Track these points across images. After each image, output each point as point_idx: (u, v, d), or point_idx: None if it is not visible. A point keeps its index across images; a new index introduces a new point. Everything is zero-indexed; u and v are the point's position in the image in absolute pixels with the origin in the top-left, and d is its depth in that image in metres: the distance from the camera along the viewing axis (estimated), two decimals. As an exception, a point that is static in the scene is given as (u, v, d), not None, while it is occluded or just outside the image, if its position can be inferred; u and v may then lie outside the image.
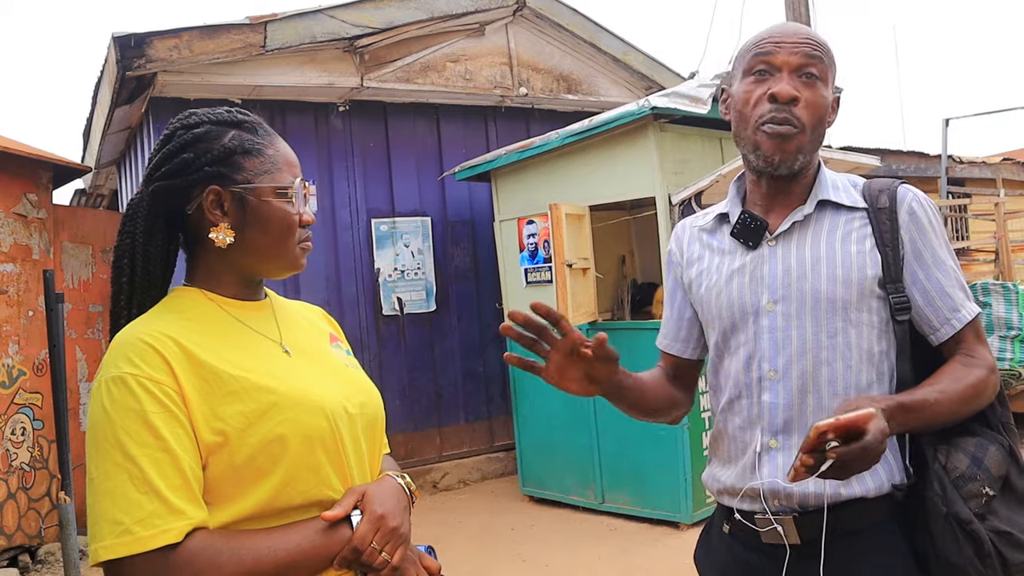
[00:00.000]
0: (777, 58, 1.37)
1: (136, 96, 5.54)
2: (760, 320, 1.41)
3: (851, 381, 1.36)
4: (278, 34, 5.39)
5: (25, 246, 4.88)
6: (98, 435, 1.07)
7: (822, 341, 1.37)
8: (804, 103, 1.36)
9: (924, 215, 1.40)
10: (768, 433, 1.40)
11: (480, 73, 6.37)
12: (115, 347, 1.12)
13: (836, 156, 5.14)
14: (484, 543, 4.80)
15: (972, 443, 1.34)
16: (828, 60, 1.39)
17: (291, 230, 1.24)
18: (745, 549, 1.45)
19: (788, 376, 1.38)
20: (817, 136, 1.40)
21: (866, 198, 1.42)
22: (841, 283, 1.37)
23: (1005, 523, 1.30)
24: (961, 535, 1.28)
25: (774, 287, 1.41)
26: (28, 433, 4.78)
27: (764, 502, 1.39)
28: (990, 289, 6.55)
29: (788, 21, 1.46)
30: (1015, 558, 1.29)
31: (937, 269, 1.39)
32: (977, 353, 1.38)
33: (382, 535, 1.14)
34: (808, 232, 1.41)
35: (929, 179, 8.88)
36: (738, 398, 1.45)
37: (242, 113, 1.27)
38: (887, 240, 1.38)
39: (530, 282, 5.44)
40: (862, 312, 1.37)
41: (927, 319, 1.39)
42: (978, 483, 1.30)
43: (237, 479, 1.10)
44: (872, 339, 1.38)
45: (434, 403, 6.27)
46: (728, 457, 1.48)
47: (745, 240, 1.45)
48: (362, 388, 1.30)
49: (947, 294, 1.39)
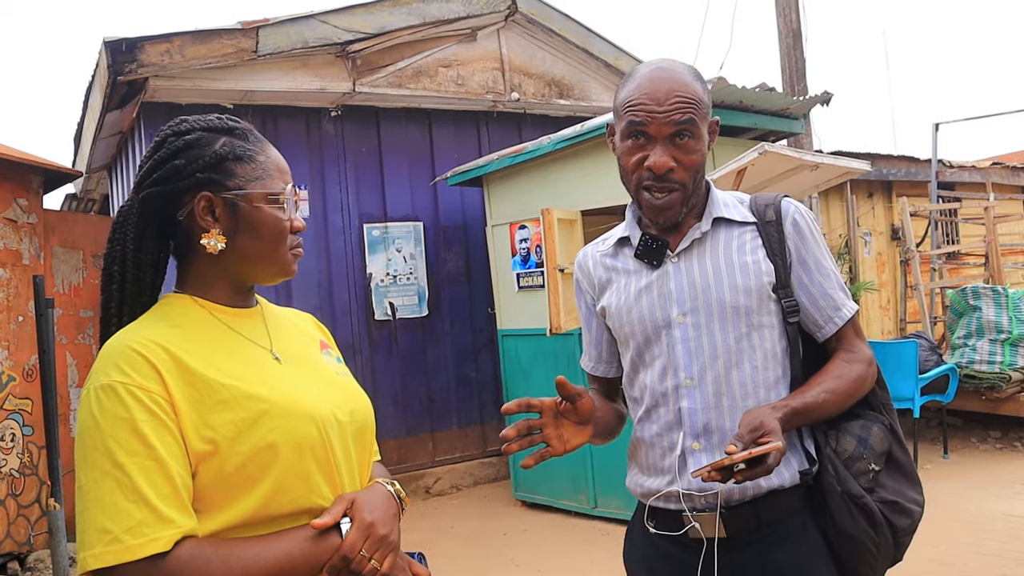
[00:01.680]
0: (650, 128, 1.45)
1: (127, 101, 5.53)
2: (672, 332, 1.51)
3: (759, 380, 1.49)
4: (270, 39, 5.39)
5: (15, 251, 4.86)
6: (87, 443, 1.07)
7: (731, 346, 1.48)
8: (681, 166, 1.46)
9: (806, 225, 1.53)
10: (690, 437, 1.49)
11: (472, 78, 6.38)
12: (104, 355, 1.12)
13: (827, 161, 5.16)
14: (477, 548, 4.79)
15: (858, 426, 1.49)
16: (703, 109, 1.47)
17: (282, 236, 1.24)
18: (670, 545, 1.53)
19: (704, 381, 1.49)
20: (698, 179, 1.50)
21: (754, 212, 1.55)
22: (742, 291, 1.48)
23: (891, 493, 1.47)
24: (855, 509, 1.42)
25: (682, 300, 1.51)
26: (18, 439, 4.76)
27: (690, 500, 1.48)
28: (980, 293, 6.59)
29: (660, 66, 1.45)
30: (902, 523, 1.46)
31: (819, 273, 1.53)
32: (856, 348, 1.53)
33: (371, 542, 1.14)
34: (707, 247, 1.53)
35: (919, 183, 8.92)
36: (655, 407, 1.54)
37: (233, 120, 1.28)
38: (776, 250, 1.51)
39: (522, 287, 5.44)
40: (762, 316, 1.49)
41: (813, 319, 1.53)
42: (864, 461, 1.46)
43: (227, 487, 1.10)
44: (774, 339, 1.50)
45: (427, 408, 6.26)
46: (648, 463, 1.57)
47: (649, 260, 1.55)
48: (352, 395, 1.30)
49: (829, 295, 1.53)
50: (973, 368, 6.33)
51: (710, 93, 1.53)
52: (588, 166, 4.97)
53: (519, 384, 5.52)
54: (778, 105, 5.04)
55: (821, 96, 5.46)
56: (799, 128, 5.41)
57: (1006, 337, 6.33)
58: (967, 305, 6.68)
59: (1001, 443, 6.39)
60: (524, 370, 5.47)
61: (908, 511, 1.47)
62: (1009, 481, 5.33)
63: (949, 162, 9.22)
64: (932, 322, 7.81)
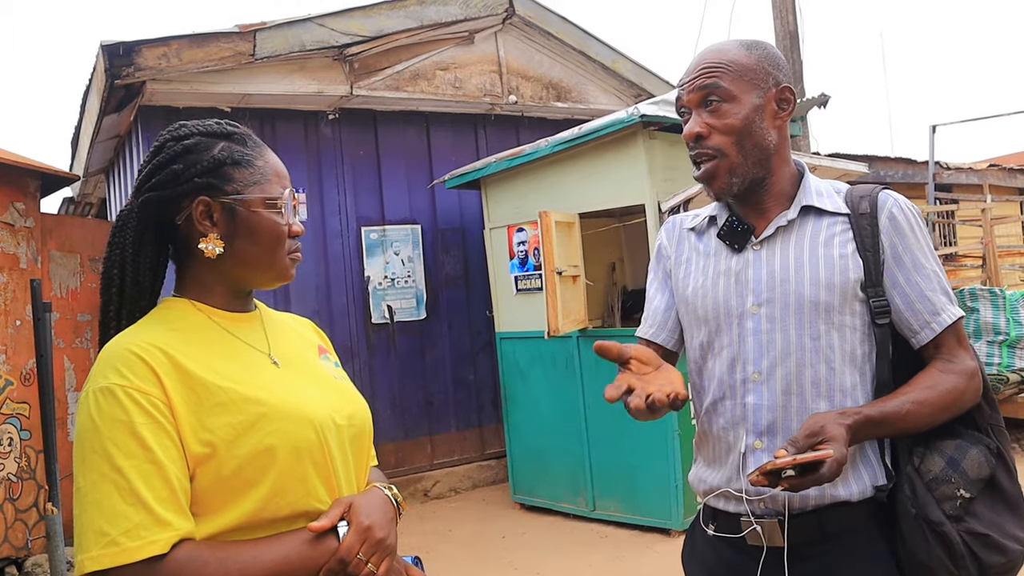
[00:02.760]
0: (684, 99, 1.45)
1: (125, 104, 5.53)
2: (745, 323, 1.43)
3: (835, 383, 1.38)
4: (267, 42, 5.39)
5: (12, 255, 4.86)
6: (85, 446, 1.07)
7: (806, 344, 1.39)
8: (714, 131, 1.41)
9: (904, 220, 1.42)
10: (753, 434, 1.42)
11: (470, 81, 6.39)
12: (103, 358, 1.12)
13: (824, 163, 5.18)
14: (475, 551, 4.79)
15: (951, 445, 1.36)
16: (737, 71, 1.41)
17: (280, 241, 1.24)
18: (730, 550, 1.46)
19: (772, 378, 1.40)
20: (748, 147, 1.41)
21: (848, 204, 1.44)
22: (824, 287, 1.39)
23: (984, 525, 1.31)
24: (931, 536, 1.30)
25: (759, 290, 1.43)
26: (15, 443, 4.75)
27: (749, 504, 1.40)
28: (978, 294, 6.60)
29: (706, 46, 1.50)
30: (992, 560, 1.30)
31: (917, 273, 1.40)
32: (957, 358, 1.39)
33: (368, 546, 1.14)
34: (792, 236, 1.44)
35: (916, 185, 8.94)
36: (722, 399, 1.46)
37: (231, 124, 1.28)
38: (868, 245, 1.40)
39: (520, 290, 5.44)
40: (845, 315, 1.39)
41: (907, 322, 1.41)
42: (952, 485, 1.32)
43: (225, 490, 1.10)
44: (855, 342, 1.39)
45: (424, 411, 6.26)
46: (713, 458, 1.49)
47: (731, 243, 1.48)
48: (350, 400, 1.30)
49: (927, 298, 1.40)
50: (971, 370, 6.34)
51: (769, 60, 1.44)
52: (586, 169, 4.98)
53: (517, 387, 5.52)
54: (775, 107, 5.04)
55: (818, 98, 5.47)
56: (796, 130, 5.42)
57: (1003, 339, 6.34)
58: (964, 307, 6.69)
59: (999, 444, 6.40)
60: (522, 373, 5.47)
61: (1002, 548, 1.31)
62: (1007, 482, 5.33)
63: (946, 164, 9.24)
64: (929, 324, 7.79)
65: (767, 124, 1.43)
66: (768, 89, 1.43)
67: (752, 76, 1.42)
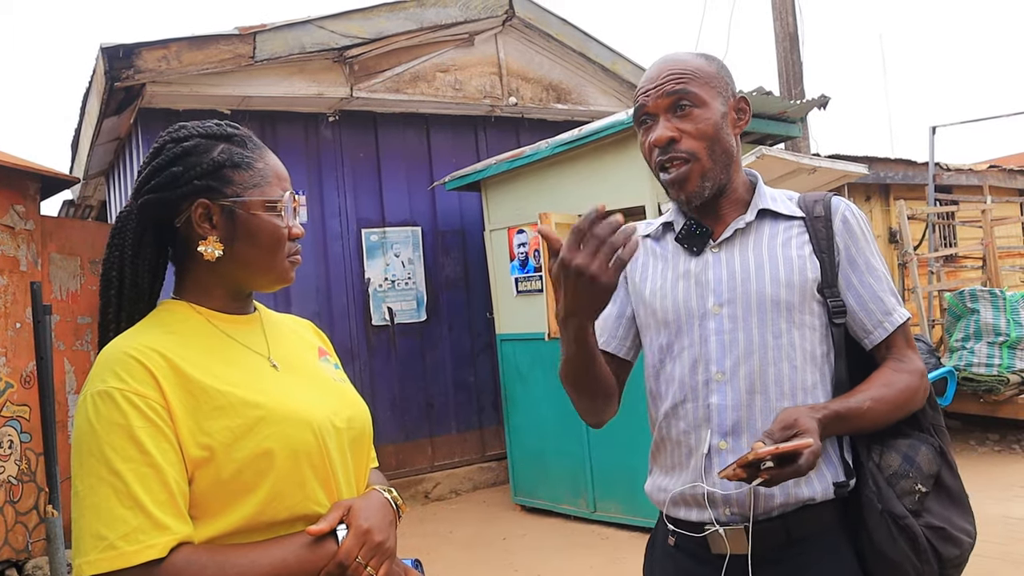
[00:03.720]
0: (649, 106, 1.44)
1: (125, 107, 5.53)
2: (706, 323, 1.44)
3: (797, 381, 1.40)
4: (267, 45, 5.39)
5: (12, 258, 4.86)
6: (83, 449, 1.07)
7: (768, 342, 1.40)
8: (686, 135, 1.42)
9: (856, 224, 1.46)
10: (717, 435, 1.41)
11: (470, 83, 6.39)
12: (102, 361, 1.12)
13: (824, 164, 5.17)
14: (476, 553, 4.79)
15: (905, 444, 1.40)
16: (702, 78, 1.43)
17: (280, 243, 1.24)
18: (691, 561, 1.45)
19: (736, 377, 1.41)
20: (718, 152, 1.44)
21: (802, 208, 1.48)
22: (784, 285, 1.41)
23: (939, 520, 1.35)
24: (896, 530, 1.33)
25: (720, 291, 1.44)
26: (16, 446, 4.75)
27: (714, 507, 1.40)
28: (978, 295, 6.60)
29: (663, 56, 1.52)
30: (948, 552, 1.34)
31: (870, 274, 1.45)
32: (907, 358, 1.43)
33: (367, 550, 1.14)
34: (750, 238, 1.47)
35: (917, 186, 8.93)
36: (683, 402, 1.46)
37: (231, 126, 1.27)
38: (823, 247, 1.44)
39: (520, 291, 5.44)
40: (804, 314, 1.41)
41: (861, 322, 1.45)
42: (910, 480, 1.36)
43: (223, 494, 1.10)
44: (815, 341, 1.42)
45: (425, 413, 6.26)
46: (672, 464, 1.48)
47: (690, 246, 1.50)
48: (350, 402, 1.30)
49: (879, 298, 1.44)
50: (971, 371, 6.33)
51: (725, 71, 1.48)
52: (586, 170, 4.98)
53: (518, 389, 5.52)
54: (775, 109, 5.05)
55: (818, 100, 5.47)
56: (796, 132, 5.41)
57: (1004, 340, 6.33)
58: (965, 308, 6.68)
59: (999, 446, 6.39)
60: (523, 375, 5.47)
61: (957, 540, 1.35)
62: (1008, 484, 5.33)
63: (946, 165, 9.23)
64: (930, 325, 7.81)
65: (730, 131, 1.46)
66: (728, 98, 1.47)
67: (716, 84, 1.45)
